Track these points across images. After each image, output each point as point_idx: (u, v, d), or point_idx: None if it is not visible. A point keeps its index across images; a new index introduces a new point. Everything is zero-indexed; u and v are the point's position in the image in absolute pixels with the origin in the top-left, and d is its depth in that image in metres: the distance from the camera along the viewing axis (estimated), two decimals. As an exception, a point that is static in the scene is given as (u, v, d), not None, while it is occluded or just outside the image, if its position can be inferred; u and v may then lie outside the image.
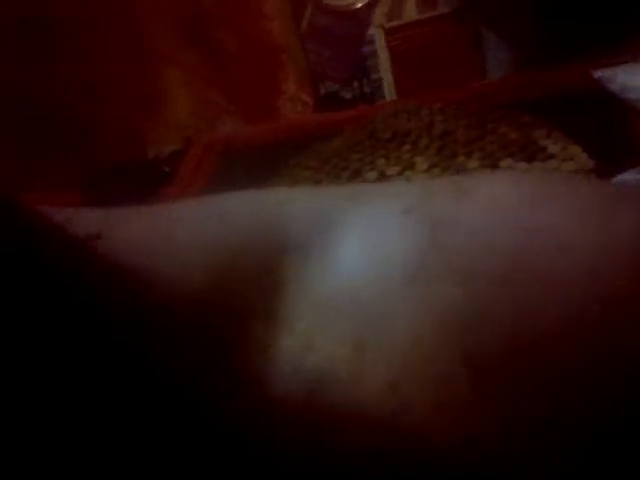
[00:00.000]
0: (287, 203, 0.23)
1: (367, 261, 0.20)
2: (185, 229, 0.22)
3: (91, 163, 0.91)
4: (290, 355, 0.19)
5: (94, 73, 0.92)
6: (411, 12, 0.98)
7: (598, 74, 0.74)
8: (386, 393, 0.19)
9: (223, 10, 0.97)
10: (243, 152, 0.85)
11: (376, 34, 0.97)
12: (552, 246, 0.20)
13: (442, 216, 0.21)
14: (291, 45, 0.97)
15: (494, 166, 0.65)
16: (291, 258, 0.21)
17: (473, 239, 0.20)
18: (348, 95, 0.98)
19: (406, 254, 0.20)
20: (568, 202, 0.21)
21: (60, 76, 0.88)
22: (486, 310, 0.19)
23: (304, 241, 0.21)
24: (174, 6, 0.97)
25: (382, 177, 0.68)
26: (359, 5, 0.96)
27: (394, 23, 0.97)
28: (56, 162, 0.88)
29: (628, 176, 0.57)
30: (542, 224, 0.20)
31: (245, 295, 0.20)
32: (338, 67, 0.97)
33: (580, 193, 0.22)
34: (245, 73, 0.95)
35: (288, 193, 0.25)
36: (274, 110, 0.95)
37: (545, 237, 0.20)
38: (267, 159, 0.79)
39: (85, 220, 0.22)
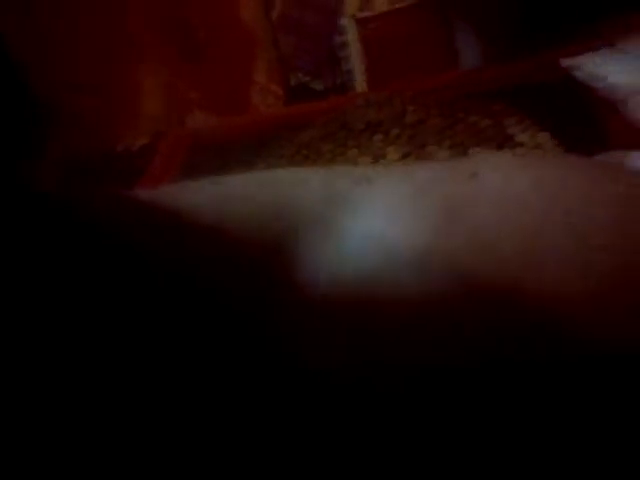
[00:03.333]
0: (300, 184, 0.23)
1: (378, 241, 0.21)
2: (214, 201, 0.22)
3: (60, 157, 0.90)
4: (305, 306, 0.20)
5: (63, 63, 0.91)
6: (382, 2, 0.98)
7: (566, 63, 0.74)
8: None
9: (194, 0, 0.96)
10: (214, 145, 0.84)
11: (347, 24, 0.97)
12: (569, 226, 0.20)
13: (454, 197, 0.21)
14: (262, 36, 0.96)
15: (464, 155, 0.65)
16: (303, 238, 0.21)
17: (486, 221, 0.20)
18: (319, 86, 0.98)
19: (417, 234, 0.20)
20: (579, 181, 0.22)
21: (30, 62, 0.86)
22: (504, 291, 0.19)
23: (316, 221, 0.21)
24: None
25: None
26: (330, -5, 0.95)
27: (366, 13, 0.97)
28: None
29: (600, 160, 0.58)
30: (555, 204, 0.20)
31: (256, 276, 0.20)
32: (309, 58, 0.97)
33: (583, 169, 0.23)
34: (215, 65, 0.94)
35: (301, 174, 0.25)
36: (245, 102, 0.94)
37: (559, 218, 0.20)
38: (238, 152, 0.79)
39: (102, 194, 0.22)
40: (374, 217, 0.21)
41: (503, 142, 0.65)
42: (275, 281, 0.20)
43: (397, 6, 1.02)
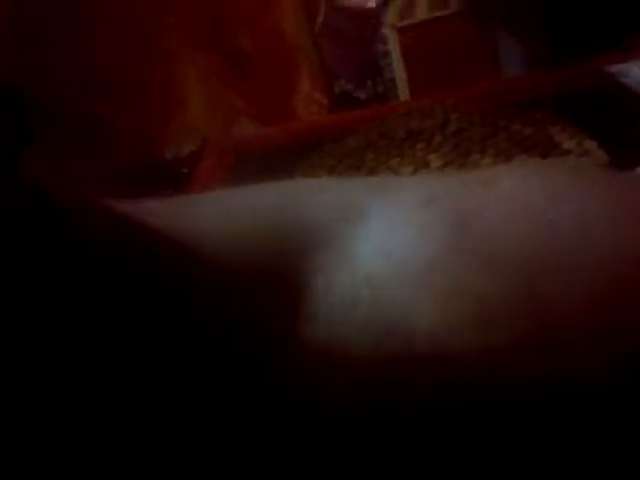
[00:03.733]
0: (312, 196, 0.23)
1: (388, 253, 0.21)
2: (212, 220, 0.22)
3: (110, 165, 0.93)
4: (314, 344, 0.20)
5: (111, 74, 0.94)
6: (423, 11, 0.99)
7: (613, 69, 0.73)
8: (404, 386, 0.19)
9: (239, 10, 0.98)
10: (259, 153, 0.86)
11: (389, 33, 0.97)
12: (576, 238, 0.20)
13: (466, 207, 0.21)
14: (305, 45, 0.98)
15: (508, 162, 0.65)
16: (316, 252, 0.21)
17: (497, 229, 0.20)
18: (362, 95, 0.99)
19: (429, 246, 0.20)
20: (594, 190, 0.21)
21: (76, 76, 0.90)
22: (508, 301, 0.19)
23: (328, 235, 0.21)
24: (191, 7, 0.99)
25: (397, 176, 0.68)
26: (372, 4, 0.96)
27: (406, 22, 0.98)
28: (78, 164, 0.89)
29: (643, 171, 0.57)
30: (566, 216, 0.20)
31: (267, 291, 0.20)
32: (352, 67, 0.98)
33: (600, 185, 0.23)
34: (260, 73, 0.96)
35: (313, 185, 0.25)
36: (289, 110, 0.96)
37: (569, 229, 0.20)
38: (282, 160, 0.80)
39: (125, 206, 0.22)
40: (384, 230, 0.21)
41: (549, 150, 0.65)
42: (277, 313, 0.20)
43: (437, 14, 1.02)
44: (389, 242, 0.21)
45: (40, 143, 0.80)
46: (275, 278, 0.21)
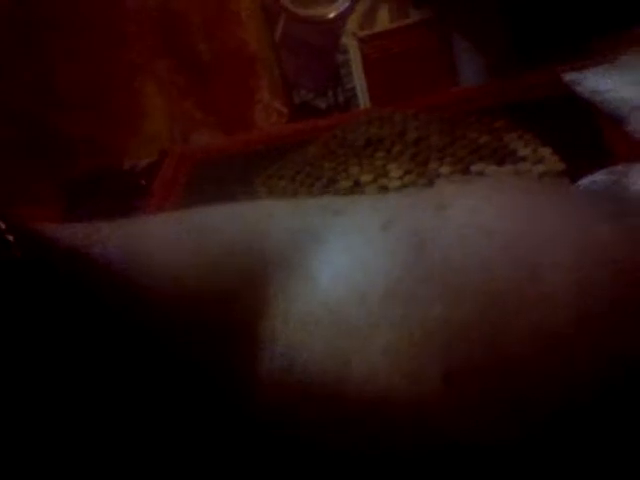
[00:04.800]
0: (267, 218, 0.23)
1: (349, 279, 0.20)
2: (164, 243, 0.22)
3: (66, 175, 0.90)
4: (272, 377, 0.19)
5: (66, 82, 0.92)
6: (384, 21, 0.99)
7: (567, 77, 0.75)
8: (364, 413, 0.19)
9: (198, 20, 0.97)
10: (218, 163, 0.85)
11: (349, 43, 0.98)
12: (533, 258, 0.20)
13: (421, 231, 0.21)
14: (265, 54, 0.97)
15: (466, 170, 0.65)
16: (273, 275, 0.21)
17: (452, 254, 0.20)
18: (322, 104, 0.99)
19: (386, 272, 0.20)
20: (546, 210, 0.21)
21: (31, 84, 0.88)
22: (466, 328, 0.19)
23: (285, 258, 0.21)
24: (149, 17, 0.97)
25: (356, 185, 0.68)
26: (332, 14, 0.96)
27: (367, 32, 0.98)
28: (30, 173, 0.87)
29: (597, 177, 0.58)
30: (521, 236, 0.20)
31: (223, 317, 0.20)
32: (312, 76, 0.98)
33: (555, 200, 0.23)
34: (220, 83, 0.95)
35: (268, 207, 0.25)
36: (249, 120, 0.95)
37: (525, 249, 0.20)
38: (242, 169, 0.79)
39: (74, 231, 0.22)
40: (342, 254, 0.21)
41: (505, 157, 0.66)
42: (235, 344, 0.20)
43: (398, 24, 1.03)
44: (347, 267, 0.21)
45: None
46: (230, 305, 0.20)
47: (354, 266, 0.20)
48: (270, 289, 0.20)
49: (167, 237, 0.22)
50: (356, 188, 0.68)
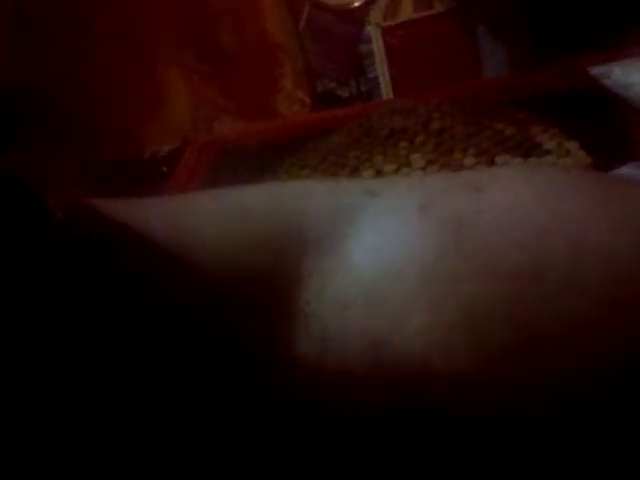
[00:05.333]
0: (305, 198, 0.23)
1: (384, 259, 0.20)
2: (206, 222, 0.22)
3: (89, 162, 0.91)
4: (308, 359, 0.19)
5: (91, 71, 0.92)
6: (407, 11, 0.99)
7: (594, 71, 0.74)
8: (401, 393, 0.19)
9: (221, 8, 0.98)
10: (240, 151, 0.85)
11: (373, 33, 0.97)
12: (570, 244, 0.20)
13: (460, 213, 0.21)
14: (288, 43, 0.97)
15: (490, 162, 0.65)
16: (309, 255, 0.21)
17: (490, 237, 0.20)
18: (345, 93, 0.99)
19: (423, 252, 0.20)
20: (582, 197, 0.21)
21: (56, 73, 0.88)
22: (504, 308, 0.19)
23: (322, 238, 0.21)
24: (173, 4, 0.98)
25: (379, 175, 0.68)
26: (356, 4, 0.96)
27: (390, 22, 0.98)
28: (54, 160, 0.88)
29: (624, 171, 0.57)
30: (558, 221, 0.20)
31: (261, 297, 0.20)
32: (335, 65, 0.98)
33: (592, 187, 0.23)
34: (243, 71, 0.95)
35: (306, 187, 0.25)
36: (271, 108, 0.95)
37: (562, 235, 0.20)
38: (264, 158, 0.79)
39: (120, 207, 0.22)
40: (379, 235, 0.21)
41: (530, 150, 0.65)
42: (271, 321, 0.20)
43: (421, 14, 1.02)
44: (383, 247, 0.21)
45: (17, 140, 0.78)
46: (268, 282, 0.20)
47: (391, 246, 0.21)
48: (306, 269, 0.20)
49: (209, 216, 0.22)
50: (379, 178, 0.68)
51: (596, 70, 0.73)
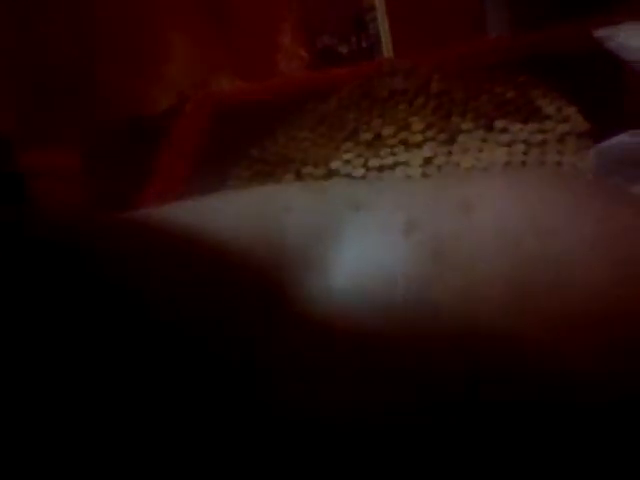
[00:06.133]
0: (288, 212, 0.23)
1: (368, 280, 0.20)
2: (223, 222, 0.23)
3: (87, 118, 0.91)
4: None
5: (90, 26, 0.91)
6: (411, -36, 0.96)
7: (599, 33, 0.72)
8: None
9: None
10: (238, 110, 0.84)
11: (375, -13, 0.95)
12: (554, 273, 0.20)
13: (444, 235, 0.21)
14: (288, -2, 0.95)
15: (489, 127, 0.65)
16: (290, 272, 0.21)
17: (475, 262, 0.20)
18: (345, 50, 0.97)
19: (407, 274, 0.20)
20: (579, 225, 0.21)
21: (55, 31, 0.87)
22: (485, 336, 0.19)
23: (304, 255, 0.21)
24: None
25: (378, 138, 0.68)
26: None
27: (393, -24, 0.95)
28: (54, 116, 0.87)
29: (619, 139, 0.57)
30: (543, 245, 0.20)
31: (243, 309, 0.21)
32: (335, 21, 0.96)
33: (588, 210, 0.22)
34: (241, 27, 0.94)
35: (286, 199, 0.24)
36: (270, 65, 0.94)
37: (551, 259, 0.20)
38: (263, 117, 0.79)
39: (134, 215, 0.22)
40: (360, 257, 0.21)
41: (530, 114, 0.65)
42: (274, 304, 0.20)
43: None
44: (365, 272, 0.21)
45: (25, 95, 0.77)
46: (264, 283, 0.21)
47: (371, 272, 0.21)
48: (287, 288, 0.21)
49: (195, 231, 0.22)
50: (377, 141, 0.68)
51: (601, 33, 0.72)
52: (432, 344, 0.19)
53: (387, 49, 0.94)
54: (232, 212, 0.24)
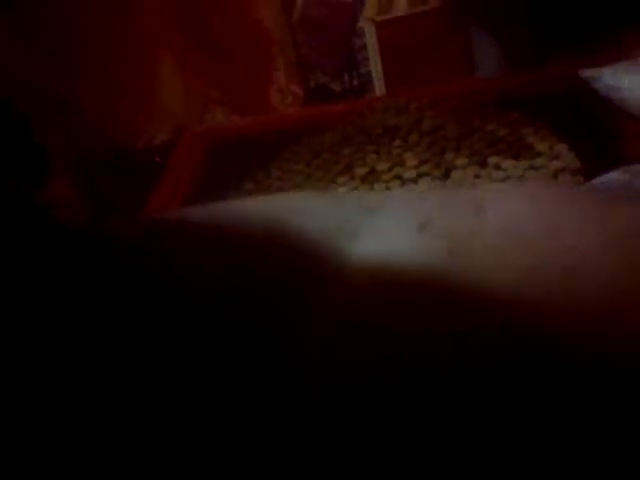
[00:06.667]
0: (303, 214, 0.23)
1: (382, 278, 0.21)
2: (207, 233, 0.23)
3: (80, 150, 0.91)
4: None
5: (83, 58, 0.91)
6: (401, 6, 0.99)
7: (585, 74, 0.75)
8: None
9: (215, 0, 0.97)
10: (234, 143, 0.85)
11: (366, 27, 0.97)
12: (564, 269, 0.20)
13: (458, 233, 0.21)
14: (281, 36, 0.97)
15: (482, 163, 0.66)
16: (307, 273, 0.21)
17: (487, 259, 0.21)
18: (337, 87, 0.99)
19: (421, 272, 0.21)
20: (583, 222, 0.22)
21: (45, 59, 0.87)
22: (493, 334, 0.19)
23: (319, 257, 0.22)
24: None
25: (372, 173, 0.69)
26: (350, -3, 0.96)
27: (384, 16, 0.98)
28: (50, 146, 0.87)
29: (613, 175, 0.58)
30: (556, 246, 0.21)
31: (258, 313, 0.21)
32: (328, 59, 0.98)
33: (594, 212, 0.23)
34: (236, 63, 0.95)
35: (305, 202, 0.25)
36: (264, 101, 0.95)
37: (561, 255, 0.20)
38: (257, 151, 0.80)
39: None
40: (377, 251, 0.21)
41: (522, 151, 0.66)
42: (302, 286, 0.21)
43: (416, 10, 1.02)
44: (382, 263, 0.21)
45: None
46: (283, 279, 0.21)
47: (389, 266, 0.21)
48: (303, 290, 0.21)
49: (210, 226, 0.23)
50: (372, 176, 0.69)
51: (587, 73, 0.74)
52: (455, 319, 0.20)
53: (379, 87, 0.96)
54: (244, 215, 0.24)
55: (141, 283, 0.19)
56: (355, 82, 1.00)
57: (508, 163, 0.65)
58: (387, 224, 0.23)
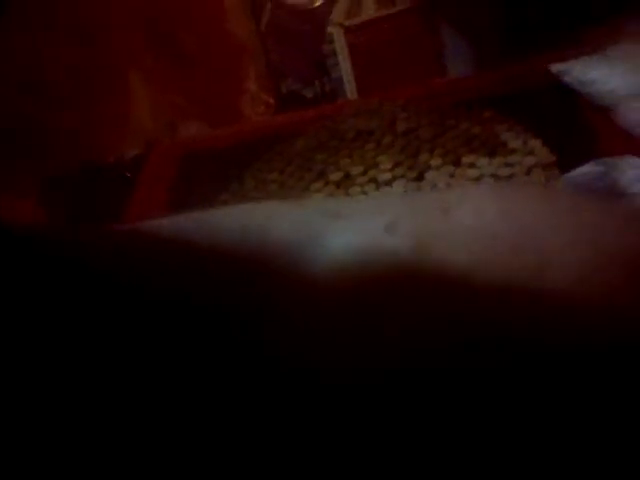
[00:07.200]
0: (267, 221, 0.23)
1: (349, 278, 0.21)
2: (175, 245, 0.23)
3: (49, 168, 0.89)
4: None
5: (49, 73, 0.90)
6: (370, 9, 0.98)
7: (555, 68, 0.75)
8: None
9: (182, 10, 0.96)
10: (205, 156, 0.84)
11: (335, 32, 0.97)
12: (535, 264, 0.20)
13: (426, 232, 0.21)
14: (251, 44, 0.96)
15: (457, 162, 0.65)
16: (272, 278, 0.21)
17: (457, 257, 0.20)
18: (309, 94, 0.98)
19: (389, 272, 0.20)
20: (551, 218, 0.22)
21: (9, 75, 0.86)
22: (468, 334, 0.19)
23: (285, 261, 0.21)
24: (132, 7, 0.96)
25: (347, 177, 0.68)
26: (318, 3, 0.96)
27: (353, 21, 0.97)
28: (6, 165, 0.85)
29: (586, 169, 0.58)
30: (525, 242, 0.21)
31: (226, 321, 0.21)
32: (299, 66, 0.97)
33: (561, 207, 0.23)
34: (205, 74, 0.94)
35: (269, 210, 0.25)
36: (236, 111, 0.94)
37: (531, 250, 0.20)
38: (230, 162, 0.78)
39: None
40: (343, 253, 0.21)
41: (496, 149, 0.66)
42: (271, 288, 0.21)
43: (384, 13, 1.02)
44: (349, 264, 0.21)
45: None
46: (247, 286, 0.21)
47: (356, 265, 0.21)
48: (271, 296, 0.21)
49: (178, 239, 0.23)
50: (346, 180, 0.68)
51: (557, 67, 0.74)
52: (423, 309, 0.20)
53: (350, 91, 0.95)
54: (214, 223, 0.24)
55: (111, 300, 0.20)
56: (327, 88, 0.99)
57: (482, 161, 0.64)
58: (353, 226, 0.23)
